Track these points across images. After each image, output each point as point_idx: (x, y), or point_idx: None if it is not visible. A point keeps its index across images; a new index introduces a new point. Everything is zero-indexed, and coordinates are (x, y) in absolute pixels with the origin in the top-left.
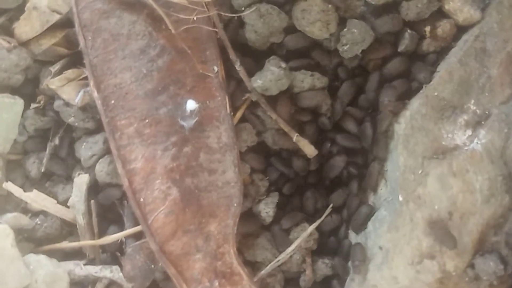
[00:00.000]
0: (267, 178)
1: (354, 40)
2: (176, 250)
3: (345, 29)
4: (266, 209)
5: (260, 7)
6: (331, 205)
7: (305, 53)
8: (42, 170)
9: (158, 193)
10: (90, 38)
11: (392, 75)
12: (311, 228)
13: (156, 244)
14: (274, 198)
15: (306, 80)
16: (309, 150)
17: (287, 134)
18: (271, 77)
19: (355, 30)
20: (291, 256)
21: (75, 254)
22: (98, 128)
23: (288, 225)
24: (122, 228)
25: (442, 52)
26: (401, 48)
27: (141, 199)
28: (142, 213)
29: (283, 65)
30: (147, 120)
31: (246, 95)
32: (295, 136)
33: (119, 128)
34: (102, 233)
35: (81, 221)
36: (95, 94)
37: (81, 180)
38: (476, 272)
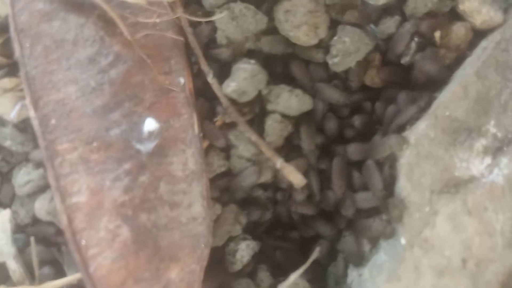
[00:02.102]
0: (245, 212)
1: (346, 50)
2: None
3: (335, 37)
4: (242, 254)
5: (234, 6)
6: (317, 249)
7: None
8: None
9: (105, 234)
10: (28, 45)
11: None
12: (295, 275)
13: None
14: (254, 246)
15: (282, 96)
16: (296, 178)
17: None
18: (244, 75)
19: (347, 39)
20: None
21: None
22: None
23: None
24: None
25: (455, 62)
26: (404, 60)
27: (82, 241)
28: (82, 258)
29: (253, 61)
30: (94, 144)
31: (218, 116)
32: (279, 162)
33: (60, 153)
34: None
35: (14, 266)
36: (32, 112)
37: (3, 218)
38: None
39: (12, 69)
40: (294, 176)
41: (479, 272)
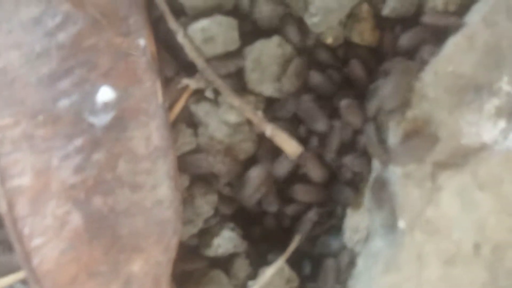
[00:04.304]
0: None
1: (327, 7)
2: None
3: None
4: (219, 243)
5: None
6: (299, 235)
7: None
8: None
9: (52, 221)
10: None
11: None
12: (280, 262)
13: None
14: (237, 243)
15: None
16: (291, 147)
17: None
18: (220, 20)
19: None
20: None
21: None
22: None
23: None
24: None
25: (459, 9)
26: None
27: (25, 230)
28: (25, 250)
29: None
30: (40, 117)
31: (183, 80)
32: (269, 129)
33: (0, 129)
34: None
35: None
36: None
37: None
38: None
39: None
40: (288, 144)
41: (496, 260)
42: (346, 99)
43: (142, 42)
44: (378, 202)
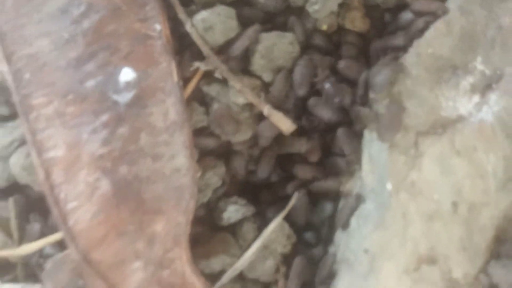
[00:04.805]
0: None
1: None
2: (107, 258)
3: None
4: (229, 216)
5: None
6: (296, 193)
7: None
8: None
9: (84, 187)
10: None
11: None
12: (277, 220)
13: (80, 252)
14: (245, 211)
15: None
16: (285, 125)
17: None
18: (220, 11)
19: None
20: (264, 262)
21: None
22: (14, 114)
23: None
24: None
25: None
26: None
27: (61, 195)
28: (61, 212)
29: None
30: (70, 97)
31: (195, 63)
32: (266, 109)
33: (35, 107)
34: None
35: None
36: (5, 67)
37: None
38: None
39: None
40: (282, 122)
41: (472, 217)
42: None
43: (158, 27)
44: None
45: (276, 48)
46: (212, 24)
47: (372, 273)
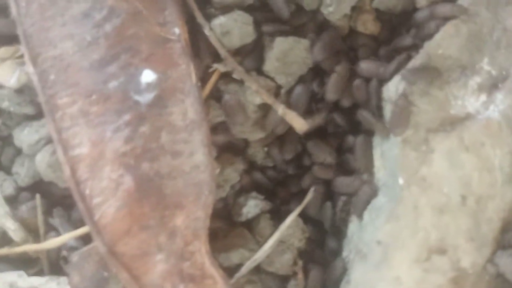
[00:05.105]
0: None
1: None
2: (130, 250)
3: None
4: (249, 210)
5: None
6: (313, 188)
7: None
8: None
9: (108, 183)
10: (24, 4)
11: None
12: (293, 215)
13: (105, 245)
14: (263, 206)
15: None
16: (299, 124)
17: None
18: (237, 17)
19: None
20: (281, 256)
21: (22, 262)
22: (39, 114)
23: None
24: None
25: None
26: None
27: (87, 191)
28: (87, 207)
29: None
30: (93, 97)
31: (214, 65)
32: (280, 109)
33: (60, 107)
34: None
35: (13, 225)
36: (31, 69)
37: None
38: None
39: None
40: (296, 121)
41: (479, 209)
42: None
43: (177, 30)
44: None
45: (292, 52)
46: (229, 29)
47: (385, 263)
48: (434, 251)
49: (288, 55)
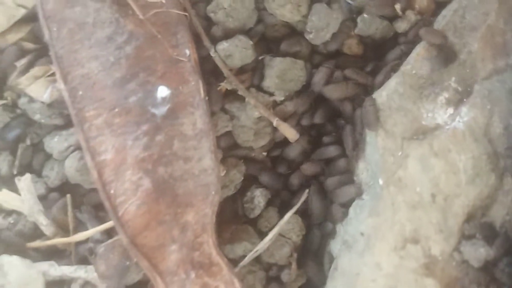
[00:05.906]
0: (241, 160)
1: (317, 26)
2: (149, 242)
3: (309, 15)
4: (259, 200)
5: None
6: (307, 190)
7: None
8: (15, 172)
9: (129, 185)
10: (55, 29)
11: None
12: (290, 212)
13: (127, 237)
14: (267, 193)
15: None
16: (291, 134)
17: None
18: (237, 43)
19: (315, 17)
20: (281, 249)
21: (53, 254)
22: (67, 124)
23: None
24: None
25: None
26: (356, 30)
27: (111, 191)
28: (112, 205)
29: (251, 42)
30: (116, 110)
31: (220, 84)
32: (275, 121)
33: (88, 119)
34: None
35: (45, 221)
36: (62, 86)
37: (26, 182)
38: (464, 257)
39: (39, 53)
40: (288, 131)
41: (447, 206)
42: None
43: (187, 51)
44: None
45: (289, 72)
46: (231, 53)
47: (367, 251)
48: (409, 241)
49: (287, 73)
